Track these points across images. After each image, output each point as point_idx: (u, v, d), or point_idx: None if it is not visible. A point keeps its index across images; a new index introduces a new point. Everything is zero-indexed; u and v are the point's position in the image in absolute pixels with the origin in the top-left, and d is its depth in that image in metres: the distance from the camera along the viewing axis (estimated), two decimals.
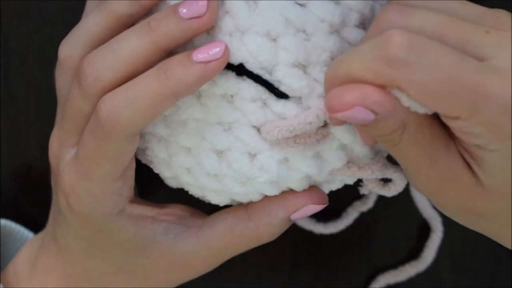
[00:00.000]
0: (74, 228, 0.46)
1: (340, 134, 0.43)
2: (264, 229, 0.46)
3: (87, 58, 0.43)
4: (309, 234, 0.56)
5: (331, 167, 0.45)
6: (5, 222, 0.53)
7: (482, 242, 0.57)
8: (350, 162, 0.45)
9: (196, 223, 0.47)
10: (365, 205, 0.56)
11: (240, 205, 0.47)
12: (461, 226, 0.43)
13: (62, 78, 0.46)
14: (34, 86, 0.55)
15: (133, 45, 0.42)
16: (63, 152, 0.45)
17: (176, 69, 0.41)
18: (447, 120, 0.38)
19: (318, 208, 0.46)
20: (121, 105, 0.41)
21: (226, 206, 0.48)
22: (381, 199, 0.56)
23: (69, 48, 0.45)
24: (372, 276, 0.57)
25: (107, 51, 0.43)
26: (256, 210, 0.46)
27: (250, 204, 0.46)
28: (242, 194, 0.46)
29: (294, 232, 0.56)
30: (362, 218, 0.56)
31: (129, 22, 0.44)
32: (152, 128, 0.45)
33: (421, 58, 0.37)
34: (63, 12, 0.54)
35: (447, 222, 0.56)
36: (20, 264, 0.50)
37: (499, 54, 0.38)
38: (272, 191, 0.45)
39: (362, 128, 0.40)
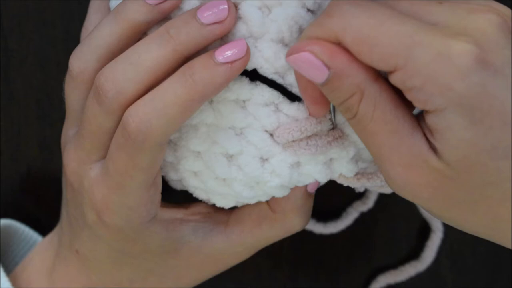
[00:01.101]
0: (105, 241, 0.45)
1: (353, 135, 0.43)
2: (292, 214, 0.46)
3: (104, 72, 0.42)
4: (309, 234, 0.56)
5: (340, 175, 0.45)
6: (8, 221, 0.53)
7: (482, 242, 0.57)
8: (359, 173, 0.45)
9: (222, 220, 0.47)
10: (365, 205, 0.56)
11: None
12: None
13: (75, 93, 0.45)
14: (34, 86, 0.55)
15: (154, 55, 0.41)
16: (86, 169, 0.44)
17: (203, 72, 0.41)
18: (389, 76, 0.37)
19: None
20: (151, 116, 0.41)
21: (230, 209, 0.48)
22: (381, 199, 0.56)
23: (83, 61, 0.44)
24: (372, 276, 0.57)
25: (126, 63, 0.42)
26: (276, 200, 0.46)
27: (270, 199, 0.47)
28: (250, 197, 0.46)
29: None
30: (362, 218, 0.56)
31: (145, 30, 0.43)
32: None
33: (356, 8, 0.37)
34: (63, 12, 0.54)
35: None
36: (33, 272, 0.49)
37: (450, 19, 0.37)
38: (282, 194, 0.45)
39: (321, 89, 0.39)
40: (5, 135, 0.56)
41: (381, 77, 0.39)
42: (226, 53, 0.41)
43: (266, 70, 0.42)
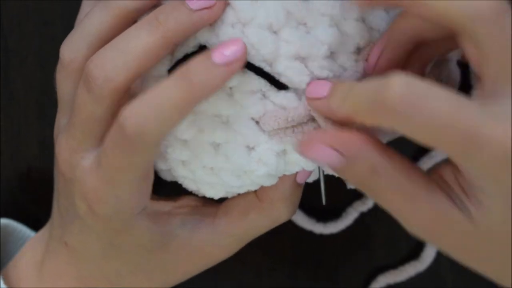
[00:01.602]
0: (95, 232, 0.45)
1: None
2: (279, 204, 0.46)
3: (94, 59, 0.42)
4: (309, 234, 0.56)
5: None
6: (6, 221, 0.53)
7: None
8: None
9: (211, 212, 0.47)
10: (365, 205, 0.56)
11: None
12: None
13: (66, 82, 0.45)
14: (34, 86, 0.55)
15: (143, 41, 0.42)
16: (77, 158, 0.44)
17: (201, 74, 0.41)
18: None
19: None
20: (147, 117, 0.41)
21: (220, 199, 0.48)
22: None
23: (73, 50, 0.44)
24: (372, 276, 0.57)
25: (115, 50, 0.42)
26: (264, 190, 0.46)
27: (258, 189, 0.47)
28: (238, 186, 0.46)
29: (294, 232, 0.56)
30: (362, 218, 0.56)
31: (136, 17, 0.44)
32: None
33: (417, 111, 0.37)
34: (63, 12, 0.54)
35: None
36: (23, 267, 0.49)
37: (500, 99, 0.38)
38: (269, 182, 0.45)
39: (336, 172, 0.41)
40: (5, 135, 0.56)
41: (392, 149, 0.40)
42: (224, 54, 0.41)
43: (253, 57, 0.42)
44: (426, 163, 0.56)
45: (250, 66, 0.42)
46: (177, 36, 0.42)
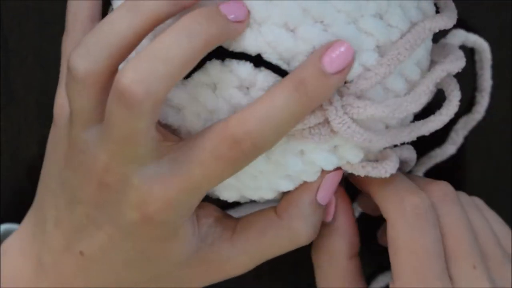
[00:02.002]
0: (131, 240, 0.44)
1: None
2: (298, 222, 0.45)
3: (128, 73, 0.39)
4: None
5: (346, 163, 0.45)
6: (7, 226, 0.53)
7: None
8: (364, 161, 0.45)
9: (230, 226, 0.46)
10: None
11: (269, 207, 0.47)
12: None
13: (82, 97, 0.42)
14: (34, 86, 0.55)
15: (185, 48, 0.40)
16: (133, 167, 0.42)
17: (317, 87, 0.41)
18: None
19: (336, 175, 0.46)
20: (267, 130, 0.41)
21: (234, 203, 0.47)
22: None
23: (91, 61, 0.41)
24: (372, 276, 0.57)
25: (154, 60, 0.40)
26: (283, 207, 0.46)
27: (278, 204, 0.46)
28: (254, 189, 0.46)
29: None
30: (362, 218, 0.56)
31: (161, 23, 0.41)
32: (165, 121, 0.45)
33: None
34: (63, 12, 0.54)
35: None
36: (12, 283, 0.47)
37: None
38: (287, 186, 0.45)
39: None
40: (5, 135, 0.55)
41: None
42: (336, 63, 0.41)
43: (270, 55, 0.42)
44: (425, 163, 0.56)
45: (267, 65, 0.42)
46: (218, 41, 0.41)
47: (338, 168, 0.46)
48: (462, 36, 0.54)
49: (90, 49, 0.41)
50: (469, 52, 0.55)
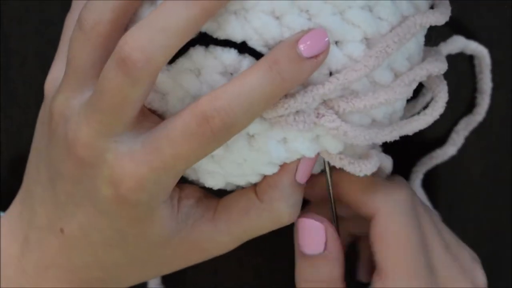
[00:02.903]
0: (109, 219, 0.44)
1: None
2: (279, 204, 0.46)
3: (129, 41, 0.41)
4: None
5: (325, 151, 0.45)
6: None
7: (481, 242, 0.57)
8: (343, 154, 0.45)
9: (211, 206, 0.47)
10: None
11: (249, 187, 0.47)
12: (460, 225, 0.43)
13: (86, 49, 0.43)
14: (34, 86, 0.55)
15: (183, 17, 0.40)
16: (109, 142, 0.43)
17: (290, 69, 0.41)
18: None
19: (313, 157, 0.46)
20: (237, 108, 0.41)
21: (220, 190, 0.47)
22: None
23: (97, 13, 0.42)
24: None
25: (153, 29, 0.40)
26: (263, 189, 0.46)
27: (257, 184, 0.46)
28: (239, 176, 0.46)
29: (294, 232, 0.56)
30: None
31: None
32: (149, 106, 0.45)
33: None
34: (63, 12, 0.54)
35: (446, 221, 0.56)
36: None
37: None
38: (271, 171, 0.45)
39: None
40: (5, 135, 0.56)
41: None
42: (311, 47, 0.41)
43: (255, 42, 0.42)
44: (426, 164, 0.56)
45: (251, 51, 0.42)
46: (216, 9, 0.41)
47: None
48: (461, 43, 0.54)
49: (98, 3, 0.43)
50: (468, 55, 0.55)
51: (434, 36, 0.47)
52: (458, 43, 0.53)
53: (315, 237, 0.47)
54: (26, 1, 0.54)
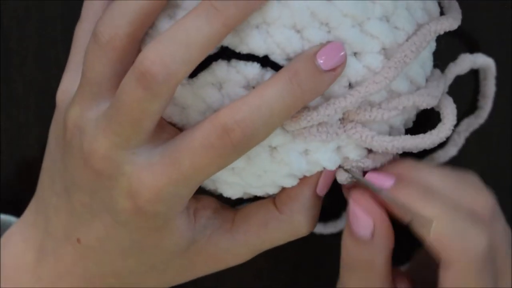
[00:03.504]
0: (127, 229, 0.44)
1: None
2: (299, 216, 0.46)
3: (149, 55, 0.40)
4: (309, 234, 0.56)
5: (349, 163, 0.45)
6: (6, 217, 0.53)
7: None
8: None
9: (229, 217, 0.47)
10: None
11: (268, 198, 0.47)
12: None
13: (102, 62, 0.43)
14: (34, 86, 0.55)
15: (204, 32, 0.40)
16: (127, 154, 0.43)
17: (309, 81, 0.42)
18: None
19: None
20: (257, 120, 0.41)
21: (237, 199, 0.47)
22: None
23: (113, 27, 0.42)
24: None
25: (174, 43, 0.40)
26: (283, 201, 0.46)
27: (277, 196, 0.46)
28: (258, 187, 0.46)
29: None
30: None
31: None
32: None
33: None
34: (63, 12, 0.54)
35: None
36: (12, 270, 0.48)
37: None
38: (290, 183, 0.45)
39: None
40: (5, 135, 0.56)
41: None
42: (329, 60, 0.42)
43: (277, 56, 0.42)
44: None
45: (273, 65, 0.42)
46: (237, 23, 0.41)
47: None
48: (470, 62, 0.54)
49: (112, 16, 0.42)
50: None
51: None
52: (466, 62, 0.53)
53: (363, 224, 0.45)
54: (26, 1, 0.54)
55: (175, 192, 0.43)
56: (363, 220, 0.45)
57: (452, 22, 0.46)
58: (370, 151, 0.46)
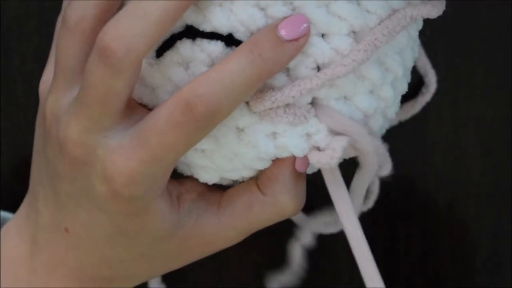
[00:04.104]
0: (107, 215, 0.44)
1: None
2: (283, 197, 0.45)
3: (109, 31, 0.40)
4: (309, 234, 0.56)
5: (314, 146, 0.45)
6: (7, 214, 0.53)
7: (482, 244, 0.57)
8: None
9: (215, 199, 0.46)
10: (365, 206, 0.56)
11: (251, 180, 0.46)
12: (460, 225, 0.43)
13: (71, 45, 0.43)
14: (34, 86, 0.55)
15: (162, 4, 0.40)
16: (98, 138, 0.42)
17: (271, 51, 0.41)
18: None
19: None
20: (219, 93, 0.41)
21: (221, 185, 0.47)
22: (381, 199, 0.56)
23: (81, 9, 0.42)
24: None
25: (132, 18, 0.40)
26: (264, 182, 0.46)
27: (258, 178, 0.46)
28: (232, 170, 0.45)
29: (293, 231, 0.56)
30: (362, 218, 0.56)
31: None
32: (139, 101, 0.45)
33: None
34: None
35: (446, 221, 0.56)
36: (9, 265, 0.48)
37: None
38: (262, 165, 0.45)
39: None
40: (5, 135, 0.56)
41: None
42: (292, 31, 0.41)
43: (241, 34, 0.42)
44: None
45: (238, 43, 0.42)
46: None
47: None
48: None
49: (79, 1, 0.43)
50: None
51: (429, 31, 0.47)
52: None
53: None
54: (26, 1, 0.54)
55: (148, 173, 0.42)
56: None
57: (430, 9, 0.45)
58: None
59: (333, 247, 0.57)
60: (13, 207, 0.56)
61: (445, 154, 0.57)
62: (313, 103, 0.44)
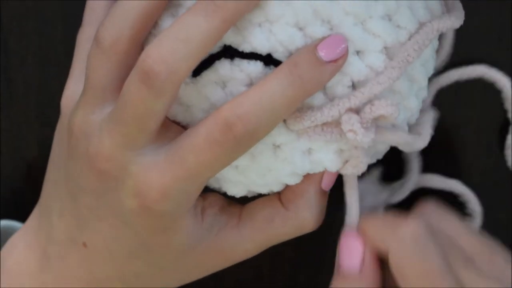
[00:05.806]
0: (133, 230, 0.44)
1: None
2: (305, 212, 0.46)
3: (151, 54, 0.41)
4: (309, 234, 0.56)
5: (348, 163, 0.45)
6: (7, 222, 0.53)
7: None
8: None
9: (235, 213, 0.47)
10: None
11: (273, 194, 0.47)
12: None
13: (105, 67, 0.43)
14: (34, 86, 0.55)
15: (204, 28, 0.40)
16: (132, 155, 0.43)
17: (311, 72, 0.41)
18: None
19: None
20: (259, 116, 0.41)
21: (241, 197, 0.47)
22: None
23: (115, 31, 0.42)
24: None
25: (174, 40, 0.41)
26: (288, 197, 0.46)
27: (282, 192, 0.46)
28: (262, 185, 0.46)
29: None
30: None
31: None
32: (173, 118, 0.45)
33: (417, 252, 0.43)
34: (63, 12, 0.54)
35: None
36: (16, 279, 0.48)
37: None
38: (294, 181, 0.45)
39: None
40: (5, 135, 0.56)
41: None
42: (330, 52, 0.42)
43: (280, 54, 0.42)
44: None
45: (276, 64, 0.43)
46: (236, 19, 0.41)
47: None
48: (481, 71, 0.54)
49: (114, 21, 0.42)
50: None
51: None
52: (478, 71, 0.53)
53: (353, 255, 0.46)
54: (26, 1, 0.54)
55: (182, 190, 0.43)
56: (353, 248, 0.46)
57: (454, 20, 0.46)
58: None
59: (333, 246, 0.57)
60: (13, 207, 0.56)
61: (445, 154, 0.57)
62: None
